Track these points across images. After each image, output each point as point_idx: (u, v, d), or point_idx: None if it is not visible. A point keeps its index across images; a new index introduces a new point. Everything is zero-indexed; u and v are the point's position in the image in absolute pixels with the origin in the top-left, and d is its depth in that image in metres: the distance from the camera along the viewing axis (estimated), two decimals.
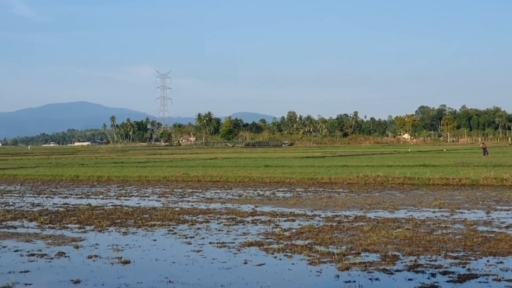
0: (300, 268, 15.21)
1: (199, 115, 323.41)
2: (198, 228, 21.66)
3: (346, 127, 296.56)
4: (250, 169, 55.14)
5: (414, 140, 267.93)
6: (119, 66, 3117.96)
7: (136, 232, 21.04)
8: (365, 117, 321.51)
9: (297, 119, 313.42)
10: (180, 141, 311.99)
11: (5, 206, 30.26)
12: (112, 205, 29.79)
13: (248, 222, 23.18)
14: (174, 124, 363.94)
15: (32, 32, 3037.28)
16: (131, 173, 52.06)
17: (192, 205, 29.29)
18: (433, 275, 14.15)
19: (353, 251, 16.89)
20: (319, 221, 23.07)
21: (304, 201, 30.61)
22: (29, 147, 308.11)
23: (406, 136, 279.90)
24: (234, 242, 18.75)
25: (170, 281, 14.09)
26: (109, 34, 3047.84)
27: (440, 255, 16.28)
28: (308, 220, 23.28)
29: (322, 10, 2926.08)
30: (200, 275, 14.67)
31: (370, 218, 23.70)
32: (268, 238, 19.31)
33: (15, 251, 17.94)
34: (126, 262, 16.16)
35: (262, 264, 15.65)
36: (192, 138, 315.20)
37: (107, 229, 21.77)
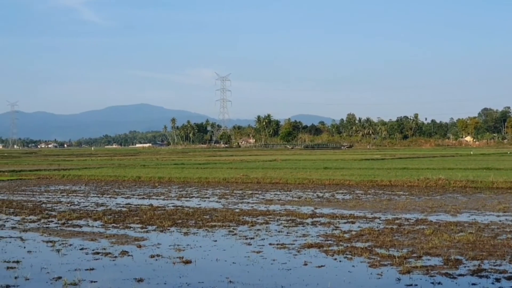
0: (360, 270, 15.17)
1: (258, 117, 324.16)
2: (258, 229, 21.79)
3: (406, 130, 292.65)
4: (309, 171, 55.07)
5: (477, 142, 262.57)
6: (180, 69, 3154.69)
7: (197, 233, 21.31)
8: (426, 119, 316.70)
9: (356, 121, 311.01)
10: (240, 143, 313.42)
11: (70, 205, 31.02)
12: (173, 206, 30.21)
13: (307, 223, 23.20)
14: (233, 126, 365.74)
15: (97, 36, 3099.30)
16: (191, 175, 52.62)
17: (252, 207, 29.46)
18: (497, 280, 13.93)
19: (414, 255, 16.74)
20: (379, 223, 22.94)
21: (364, 203, 30.44)
22: (92, 148, 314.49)
23: (468, 138, 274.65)
24: (294, 244, 18.81)
25: (230, 281, 14.25)
26: (171, 37, 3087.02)
27: (505, 260, 16.01)
28: (368, 223, 23.17)
29: (378, 12, 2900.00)
30: (261, 276, 14.78)
31: (431, 221, 23.43)
32: (328, 240, 19.31)
33: (80, 249, 18.39)
34: (188, 262, 16.40)
35: (322, 266, 15.67)
36: (252, 140, 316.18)
37: (168, 229, 22.10)
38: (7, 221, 24.94)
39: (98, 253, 17.71)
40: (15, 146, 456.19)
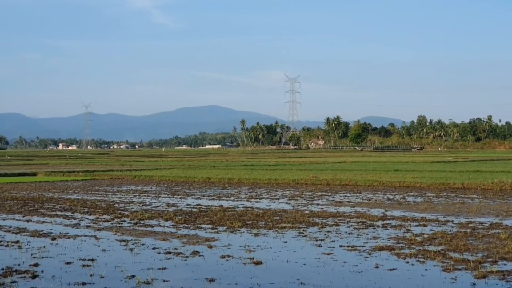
0: (433, 274, 14.91)
1: (327, 119, 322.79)
2: (328, 231, 21.69)
3: (479, 132, 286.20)
4: (379, 173, 54.50)
5: None
6: (250, 71, 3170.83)
7: (267, 234, 21.35)
8: (500, 121, 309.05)
9: (427, 123, 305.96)
10: (309, 145, 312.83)
11: (142, 205, 31.55)
12: (243, 207, 30.37)
13: (378, 226, 22.97)
14: (303, 128, 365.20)
15: (168, 39, 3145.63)
16: (261, 176, 52.78)
17: (321, 208, 29.35)
18: None
19: (490, 259, 16.35)
20: (452, 227, 22.50)
21: (436, 206, 29.92)
22: (163, 149, 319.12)
23: None
24: (365, 246, 18.64)
25: (301, 283, 14.23)
26: (240, 39, 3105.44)
27: None
28: (440, 226, 22.76)
29: (449, 14, 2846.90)
30: (331, 278, 14.70)
31: (507, 225, 22.85)
32: (400, 243, 19.06)
33: (152, 248, 18.68)
34: (258, 262, 16.45)
35: (393, 269, 15.47)
36: (321, 142, 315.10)
37: (239, 230, 22.22)
38: (82, 220, 25.55)
39: (169, 252, 17.95)
40: (88, 147, 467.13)
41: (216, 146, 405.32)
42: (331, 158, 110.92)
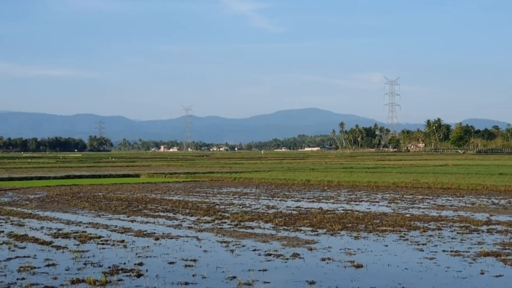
0: None
1: (428, 121, 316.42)
2: (430, 235, 21.24)
3: None
4: (483, 177, 52.92)
5: None
6: (349, 73, 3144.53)
7: (367, 237, 21.13)
8: None
9: None
10: (409, 147, 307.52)
11: (242, 207, 31.86)
12: (342, 210, 30.18)
13: (482, 231, 22.29)
14: (402, 131, 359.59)
15: (268, 42, 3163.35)
16: (360, 179, 52.32)
17: (423, 212, 28.78)
18: None
19: None
20: None
21: None
22: (262, 152, 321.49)
23: None
24: (469, 251, 18.13)
25: (403, 287, 14.00)
26: (340, 42, 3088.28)
27: None
28: None
29: None
30: (434, 283, 14.38)
31: None
32: (506, 249, 18.43)
33: (253, 250, 18.83)
34: (359, 266, 16.30)
35: (500, 276, 14.98)
36: (421, 145, 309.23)
37: (338, 233, 22.09)
38: (184, 221, 26.06)
39: (270, 254, 18.05)
40: (189, 149, 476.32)
41: (315, 149, 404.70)
42: (432, 161, 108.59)
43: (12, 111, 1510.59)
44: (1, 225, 24.78)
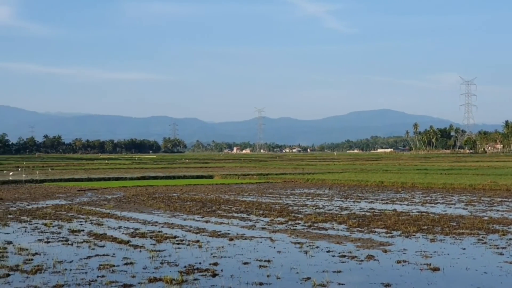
0: None
1: (506, 122, 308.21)
2: (511, 239, 20.69)
3: None
4: None
5: None
6: (422, 74, 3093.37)
7: (444, 240, 20.75)
8: None
9: None
10: (486, 149, 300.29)
11: (316, 208, 31.80)
12: (417, 211, 29.74)
13: None
14: (479, 132, 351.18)
15: (340, 43, 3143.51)
16: (435, 180, 51.44)
17: (502, 215, 28.06)
18: None
19: None
20: None
21: None
22: (335, 153, 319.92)
23: None
24: None
25: None
26: (413, 43, 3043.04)
27: None
28: None
29: None
30: None
31: None
32: None
33: (327, 251, 18.78)
34: (436, 269, 16.03)
35: None
36: (499, 146, 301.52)
37: (414, 235, 21.78)
38: (258, 222, 26.18)
39: (344, 256, 17.96)
40: (261, 151, 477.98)
41: (388, 150, 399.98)
42: (511, 163, 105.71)
43: (90, 114, 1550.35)
44: (81, 224, 25.47)
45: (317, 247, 19.58)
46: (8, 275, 15.56)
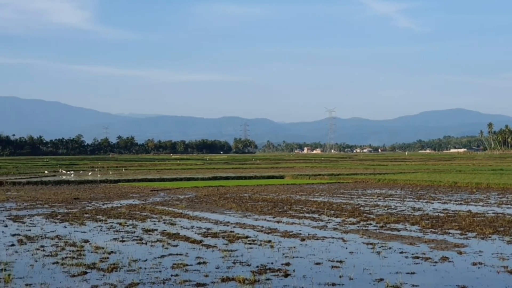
0: None
1: None
2: None
3: None
4: None
5: None
6: (496, 72, 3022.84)
7: None
8: None
9: None
10: None
11: (387, 209, 31.45)
12: (493, 213, 29.06)
13: None
14: None
15: (411, 43, 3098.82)
16: (511, 181, 50.10)
17: None
18: None
19: None
20: None
21: None
22: (406, 153, 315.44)
23: None
24: None
25: None
26: (487, 41, 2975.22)
27: None
28: None
29: None
30: None
31: None
32: None
33: (400, 252, 18.56)
34: None
35: None
36: None
37: (489, 237, 21.30)
38: (329, 222, 26.09)
39: (417, 257, 17.71)
40: (332, 151, 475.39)
41: (462, 150, 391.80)
42: None
43: (162, 114, 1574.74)
44: (155, 224, 25.91)
45: (390, 248, 19.37)
46: (86, 272, 15.98)
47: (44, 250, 19.31)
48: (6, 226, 25.69)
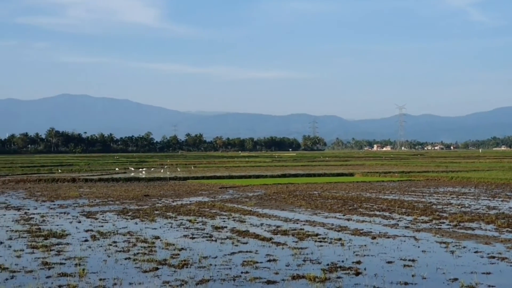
0: None
1: None
2: None
3: None
4: None
5: None
6: None
7: None
8: None
9: None
10: None
11: (461, 207, 30.73)
12: None
13: None
14: None
15: (484, 37, 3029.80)
16: None
17: None
18: None
19: None
20: None
21: None
22: (480, 151, 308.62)
23: None
24: None
25: None
26: None
27: None
28: None
29: None
30: None
31: None
32: None
33: (474, 252, 18.07)
34: None
35: None
36: None
37: None
38: (400, 221, 25.65)
39: (493, 257, 17.21)
40: (402, 148, 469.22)
41: None
42: None
43: (231, 112, 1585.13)
44: (224, 221, 25.99)
45: (464, 247, 18.88)
46: (157, 268, 16.12)
47: (116, 246, 19.60)
48: (80, 222, 26.23)
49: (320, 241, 20.24)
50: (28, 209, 31.63)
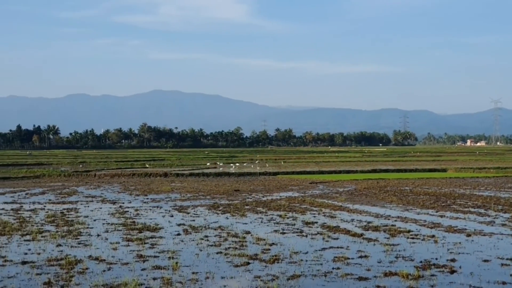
0: None
1: None
2: None
3: None
4: None
5: None
6: None
7: None
8: None
9: None
10: None
11: None
12: None
13: None
14: None
15: None
16: None
17: None
18: None
19: None
20: None
21: None
22: None
23: None
24: None
25: None
26: None
27: None
28: None
29: None
30: None
31: None
32: None
33: None
34: None
35: None
36: None
37: None
38: (497, 218, 24.87)
39: None
40: (498, 143, 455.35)
41: None
42: None
43: (319, 107, 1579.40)
44: (314, 216, 25.89)
45: None
46: (248, 263, 16.20)
47: (208, 240, 19.82)
48: (172, 216, 26.69)
49: (413, 238, 19.86)
50: (123, 203, 32.45)
